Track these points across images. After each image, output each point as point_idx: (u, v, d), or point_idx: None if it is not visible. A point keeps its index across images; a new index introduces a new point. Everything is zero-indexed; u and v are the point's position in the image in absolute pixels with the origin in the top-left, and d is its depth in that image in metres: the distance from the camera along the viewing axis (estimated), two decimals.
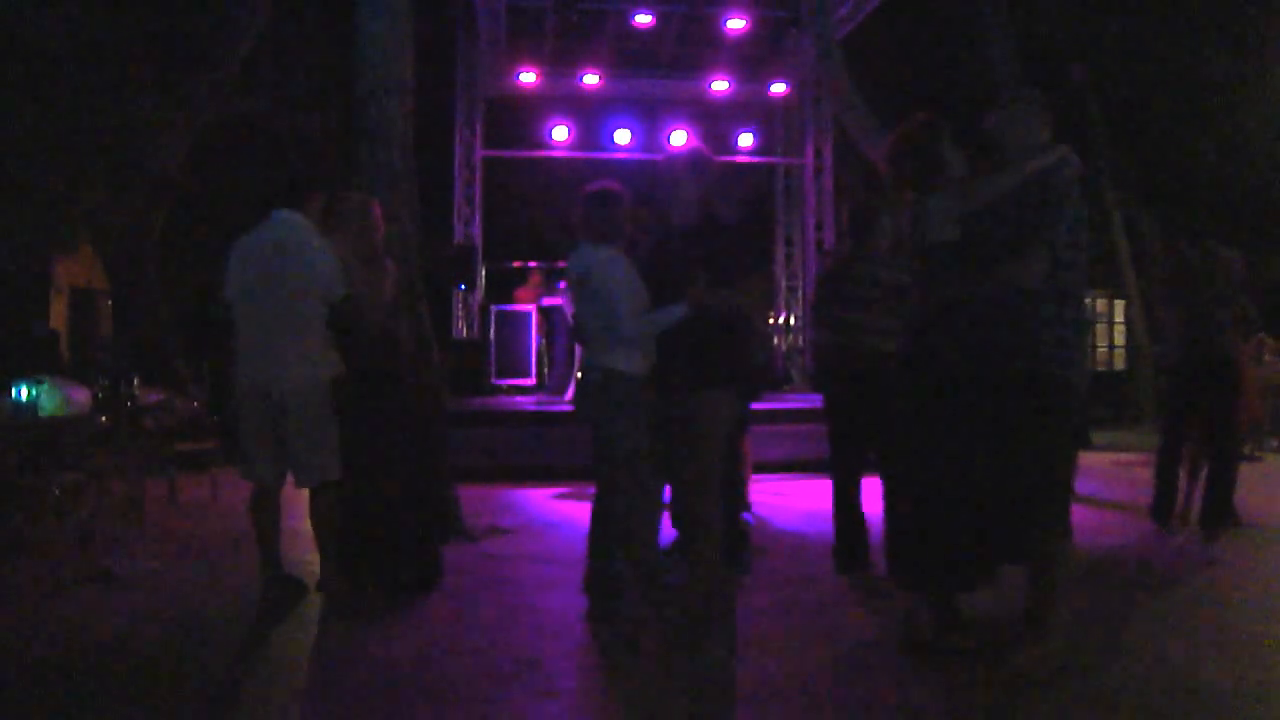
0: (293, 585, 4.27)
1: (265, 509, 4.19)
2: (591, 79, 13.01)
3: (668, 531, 4.47)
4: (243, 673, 3.43)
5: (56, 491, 5.24)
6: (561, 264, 13.52)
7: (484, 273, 13.75)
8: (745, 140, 14.04)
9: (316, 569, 4.30)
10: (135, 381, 6.70)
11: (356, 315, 4.13)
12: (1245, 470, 6.27)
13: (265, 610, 4.09)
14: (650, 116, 13.47)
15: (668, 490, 4.15)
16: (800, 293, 14.33)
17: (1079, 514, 6.12)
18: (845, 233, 4.92)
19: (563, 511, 6.60)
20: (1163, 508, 5.97)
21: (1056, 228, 3.28)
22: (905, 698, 3.09)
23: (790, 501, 7.07)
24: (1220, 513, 5.73)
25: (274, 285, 3.99)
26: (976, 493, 3.36)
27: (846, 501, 4.75)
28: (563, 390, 9.66)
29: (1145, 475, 8.59)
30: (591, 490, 4.05)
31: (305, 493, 4.18)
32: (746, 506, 6.57)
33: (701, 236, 3.89)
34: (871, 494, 4.27)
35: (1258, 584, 4.67)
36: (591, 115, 13.54)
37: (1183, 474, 6.00)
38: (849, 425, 4.75)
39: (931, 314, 3.51)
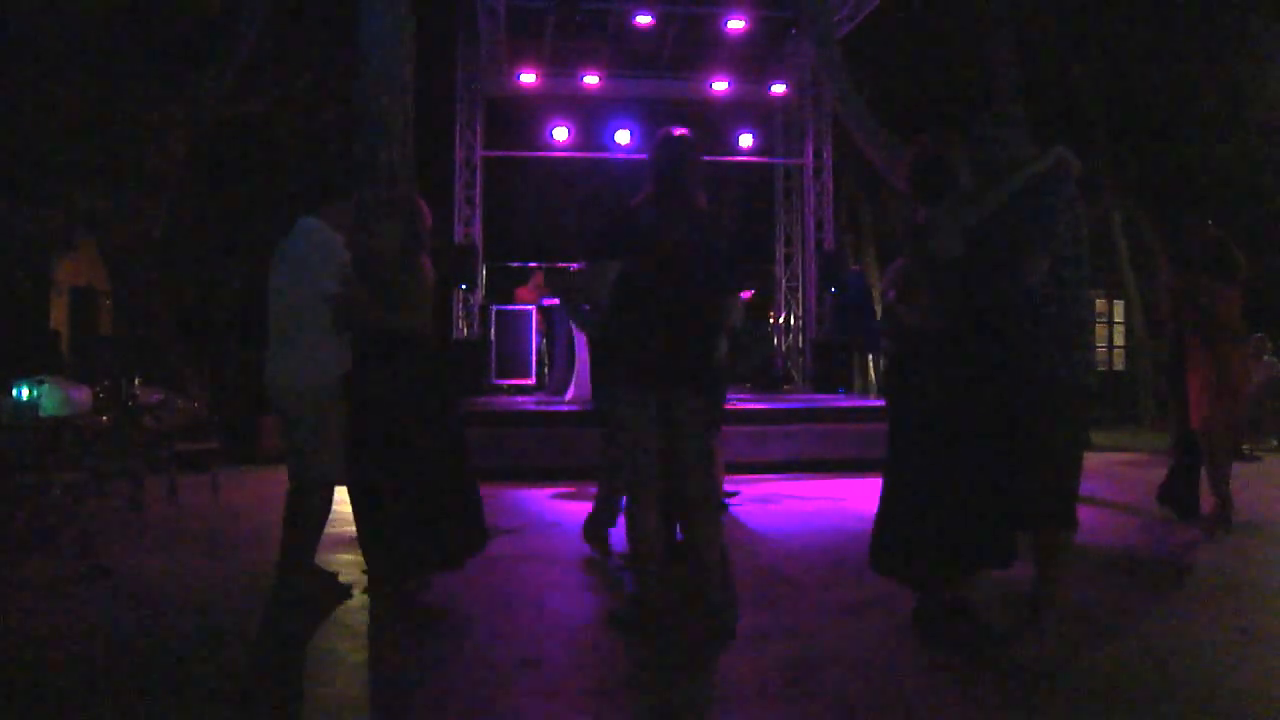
0: (329, 582, 4.30)
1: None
2: (591, 79, 13.02)
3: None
4: (243, 671, 3.43)
5: (57, 491, 5.24)
6: (562, 264, 13.57)
7: (484, 273, 13.75)
8: (745, 140, 14.06)
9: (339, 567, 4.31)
10: (135, 381, 6.70)
11: (354, 315, 4.11)
12: (1248, 469, 6.29)
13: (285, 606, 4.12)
14: (650, 116, 13.47)
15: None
16: (800, 293, 14.33)
17: (1079, 514, 6.15)
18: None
19: (563, 511, 6.60)
20: (1182, 501, 6.14)
21: (1056, 229, 3.32)
22: (907, 690, 3.10)
23: (791, 502, 7.07)
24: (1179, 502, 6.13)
25: (281, 291, 4.12)
26: (980, 491, 3.41)
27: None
28: (563, 390, 9.66)
29: (1145, 475, 8.62)
30: (592, 490, 4.07)
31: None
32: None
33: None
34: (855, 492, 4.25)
35: (1258, 582, 4.67)
36: (591, 115, 13.55)
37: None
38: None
39: (940, 325, 3.55)
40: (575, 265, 12.37)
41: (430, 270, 4.33)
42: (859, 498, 7.22)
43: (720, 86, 13.28)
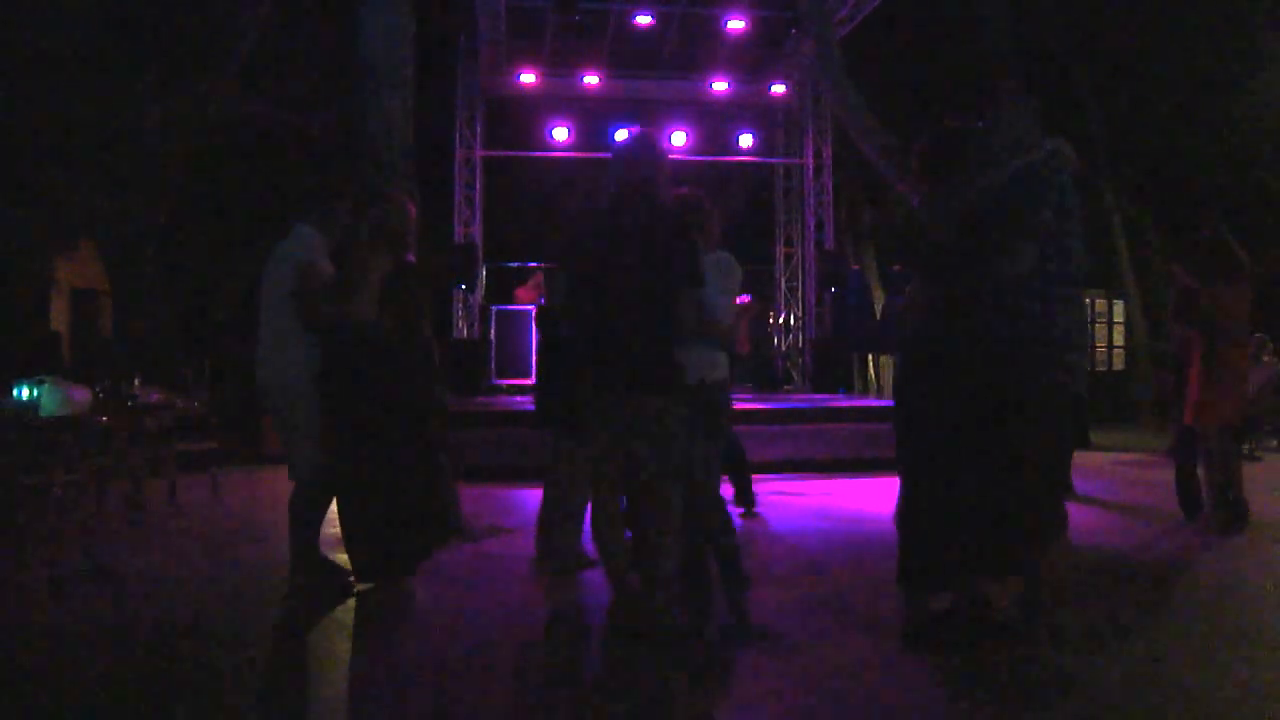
0: (338, 576, 4.33)
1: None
2: (591, 79, 13.03)
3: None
4: (241, 670, 3.42)
5: (57, 491, 5.23)
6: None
7: (484, 273, 13.75)
8: (745, 140, 14.06)
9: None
10: (135, 381, 6.70)
11: (305, 311, 4.16)
12: (1248, 469, 6.30)
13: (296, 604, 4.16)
14: (650, 116, 13.47)
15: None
16: (800, 293, 14.33)
17: (1079, 514, 6.15)
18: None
19: None
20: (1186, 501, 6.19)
21: (1040, 217, 3.24)
22: (904, 697, 3.09)
23: (788, 501, 7.07)
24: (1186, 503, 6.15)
25: (264, 294, 4.31)
26: (967, 493, 3.34)
27: None
28: None
29: (1145, 475, 8.62)
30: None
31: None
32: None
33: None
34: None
35: (1259, 583, 4.67)
36: (591, 115, 13.55)
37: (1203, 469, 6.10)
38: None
39: (927, 314, 3.50)
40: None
41: (386, 264, 4.28)
42: (856, 497, 7.22)
43: (720, 86, 13.28)
